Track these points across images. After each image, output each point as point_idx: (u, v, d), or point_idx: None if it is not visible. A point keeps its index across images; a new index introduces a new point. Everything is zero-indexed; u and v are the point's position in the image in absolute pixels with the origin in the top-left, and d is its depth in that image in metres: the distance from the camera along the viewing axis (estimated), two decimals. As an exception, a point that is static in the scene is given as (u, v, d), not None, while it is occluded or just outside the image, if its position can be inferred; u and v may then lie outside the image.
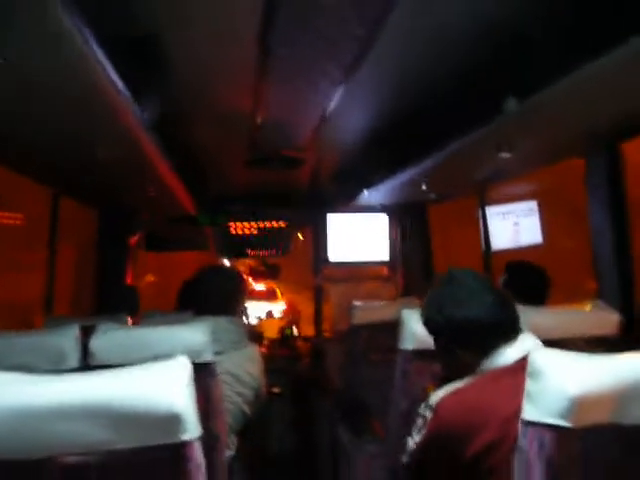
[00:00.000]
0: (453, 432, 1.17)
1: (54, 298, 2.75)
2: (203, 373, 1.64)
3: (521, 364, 1.12)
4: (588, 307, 1.90)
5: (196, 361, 1.63)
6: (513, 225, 3.72)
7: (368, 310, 2.58)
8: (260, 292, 15.71)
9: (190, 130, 2.57)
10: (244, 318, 5.31)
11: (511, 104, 1.50)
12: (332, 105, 2.22)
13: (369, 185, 3.07)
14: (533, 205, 3.76)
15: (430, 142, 2.16)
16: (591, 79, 1.31)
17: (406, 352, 1.84)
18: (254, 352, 1.97)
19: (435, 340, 1.39)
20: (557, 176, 3.41)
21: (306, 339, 4.15)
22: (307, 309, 4.71)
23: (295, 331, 4.50)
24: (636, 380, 0.98)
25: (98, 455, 0.85)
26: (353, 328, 2.61)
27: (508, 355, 1.23)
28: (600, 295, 2.04)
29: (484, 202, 3.14)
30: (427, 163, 2.24)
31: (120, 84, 1.34)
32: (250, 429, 2.87)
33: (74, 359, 1.54)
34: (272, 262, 4.83)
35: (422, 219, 3.77)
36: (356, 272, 3.92)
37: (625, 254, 2.00)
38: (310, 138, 2.73)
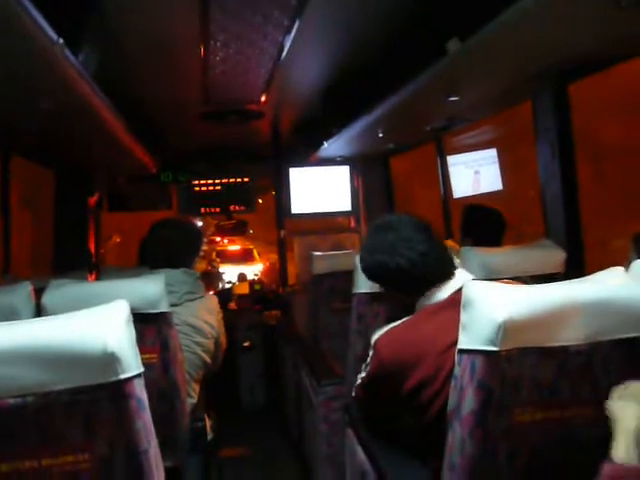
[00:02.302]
0: (392, 368, 1.22)
1: (11, 259, 2.71)
2: (159, 323, 1.67)
3: (456, 299, 1.17)
4: (535, 245, 1.97)
5: (152, 312, 1.66)
6: (474, 174, 3.77)
7: (328, 259, 2.62)
8: (235, 253, 15.57)
9: (141, 84, 2.50)
10: (219, 284, 5.34)
11: (454, 45, 1.50)
12: (283, 55, 2.18)
13: (329, 136, 3.06)
14: (493, 153, 3.81)
15: (383, 89, 2.15)
16: (529, 16, 1.31)
17: (361, 295, 1.89)
18: (211, 302, 1.99)
19: (375, 281, 1.43)
20: (513, 123, 3.44)
21: (277, 294, 4.20)
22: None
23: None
24: (557, 306, 1.03)
25: (36, 397, 0.87)
26: (314, 278, 2.65)
27: (443, 292, 1.27)
28: (548, 235, 2.10)
29: (442, 150, 3.17)
30: (381, 110, 2.23)
31: (52, 33, 1.30)
32: (220, 381, 2.93)
33: (27, 316, 1.54)
34: (238, 218, 4.81)
35: (384, 170, 3.79)
36: (320, 224, 3.94)
37: (572, 194, 2.06)
38: (265, 90, 2.69)
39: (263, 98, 2.80)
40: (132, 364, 0.93)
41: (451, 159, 3.61)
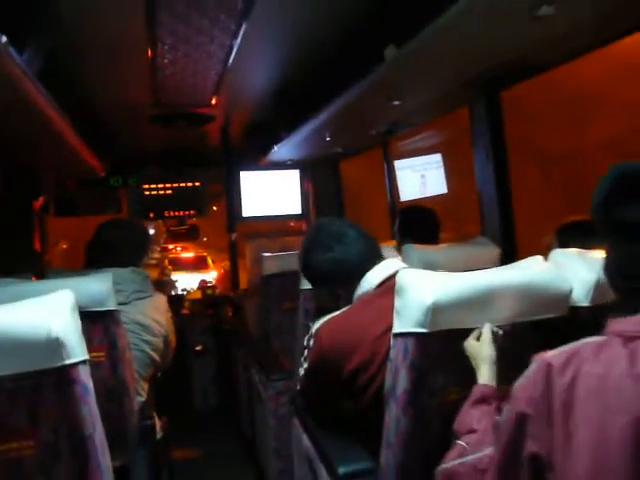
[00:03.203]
0: (331, 354, 1.29)
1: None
2: (107, 321, 1.67)
3: (389, 286, 1.25)
4: (471, 242, 2.09)
5: (99, 310, 1.67)
6: (420, 177, 3.91)
7: (278, 260, 2.66)
8: (189, 260, 15.33)
9: (89, 85, 2.49)
10: (172, 292, 5.25)
11: (391, 52, 1.59)
12: (232, 58, 2.23)
13: (278, 140, 3.12)
14: (438, 158, 3.97)
15: (329, 92, 2.23)
16: (455, 26, 1.40)
17: (306, 292, 1.96)
18: (160, 301, 2.01)
19: (312, 284, 1.52)
20: (456, 129, 3.60)
21: (229, 298, 4.21)
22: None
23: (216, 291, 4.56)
24: (481, 291, 1.13)
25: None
26: (264, 278, 2.69)
27: (376, 276, 1.36)
28: (484, 233, 2.23)
29: (388, 154, 3.28)
30: (327, 113, 2.31)
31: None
32: (173, 385, 2.91)
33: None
34: (190, 223, 4.79)
35: (334, 174, 3.87)
36: (271, 227, 3.99)
37: (505, 195, 2.19)
38: (214, 94, 2.72)
39: (213, 101, 2.83)
40: (77, 350, 0.95)
41: (398, 163, 3.74)
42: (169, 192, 4.28)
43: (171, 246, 16.29)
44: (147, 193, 4.22)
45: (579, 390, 0.70)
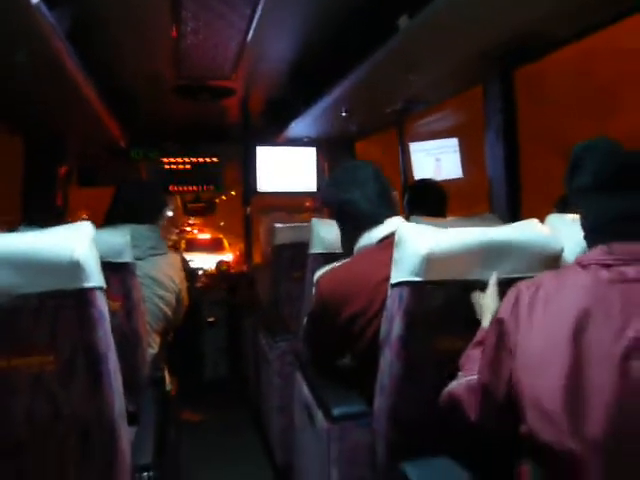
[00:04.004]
0: (330, 301, 1.37)
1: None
2: (123, 272, 1.76)
3: (389, 241, 1.32)
4: (478, 216, 2.13)
5: (117, 261, 1.75)
6: (435, 161, 3.94)
7: (290, 231, 2.74)
8: (205, 242, 15.51)
9: (113, 53, 2.57)
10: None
11: (404, 22, 1.64)
12: (251, 32, 2.30)
13: (295, 116, 3.18)
14: (455, 142, 3.99)
15: (345, 67, 2.28)
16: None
17: (315, 255, 2.03)
18: (174, 259, 2.10)
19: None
20: (473, 113, 3.63)
21: (242, 273, 4.31)
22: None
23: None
24: (475, 245, 1.19)
25: (9, 298, 0.97)
26: (276, 248, 2.77)
27: (378, 233, 1.42)
28: (492, 211, 2.27)
29: (402, 135, 3.32)
30: (343, 87, 2.37)
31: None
32: (184, 354, 3.00)
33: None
34: (207, 197, 4.89)
35: (349, 154, 3.92)
36: (286, 203, 4.06)
37: (513, 174, 2.23)
38: (235, 65, 2.79)
39: (234, 74, 2.90)
40: (95, 277, 1.04)
41: (413, 146, 3.77)
42: (188, 167, 4.38)
43: (188, 228, 16.46)
44: (167, 167, 4.32)
45: (540, 294, 0.91)
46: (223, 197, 9.27)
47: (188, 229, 16.74)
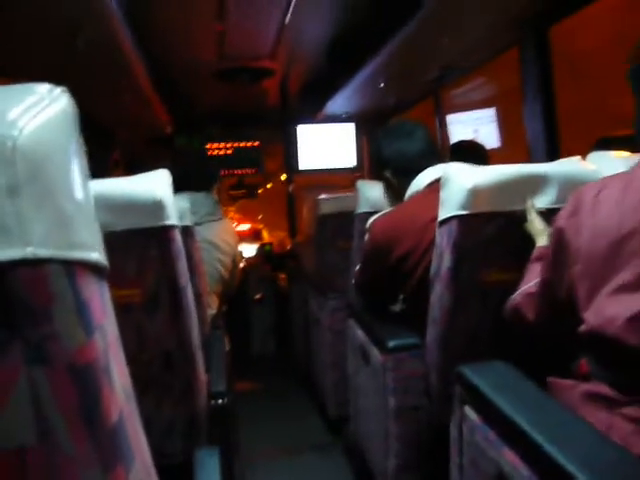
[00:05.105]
0: (382, 242, 1.47)
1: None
2: (184, 235, 1.90)
3: (436, 187, 1.41)
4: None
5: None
6: (473, 132, 3.97)
7: (333, 201, 2.83)
8: (245, 233, 15.81)
9: (158, 39, 2.71)
10: None
11: (441, -18, 1.71)
12: (290, 12, 2.40)
13: (334, 92, 3.27)
14: (492, 113, 4.01)
15: (380, 39, 2.36)
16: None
17: (362, 215, 2.13)
18: (229, 225, 2.24)
19: (378, 170, 1.68)
20: (512, 80, 3.64)
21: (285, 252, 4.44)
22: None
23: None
24: (517, 177, 1.26)
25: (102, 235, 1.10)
26: (320, 219, 2.87)
27: (426, 178, 1.52)
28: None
29: (439, 106, 3.36)
30: (381, 58, 2.44)
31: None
32: (233, 331, 3.14)
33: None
34: (249, 181, 5.03)
35: (387, 128, 3.99)
36: (328, 181, 4.17)
37: (551, 131, 2.26)
38: (274, 47, 2.90)
39: (273, 55, 3.01)
40: (174, 216, 1.17)
41: (450, 118, 3.81)
42: (229, 152, 4.53)
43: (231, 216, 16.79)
44: (210, 153, 4.48)
45: (603, 195, 0.89)
46: (263, 188, 9.44)
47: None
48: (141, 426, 0.45)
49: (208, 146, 4.45)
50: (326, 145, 3.93)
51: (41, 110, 0.35)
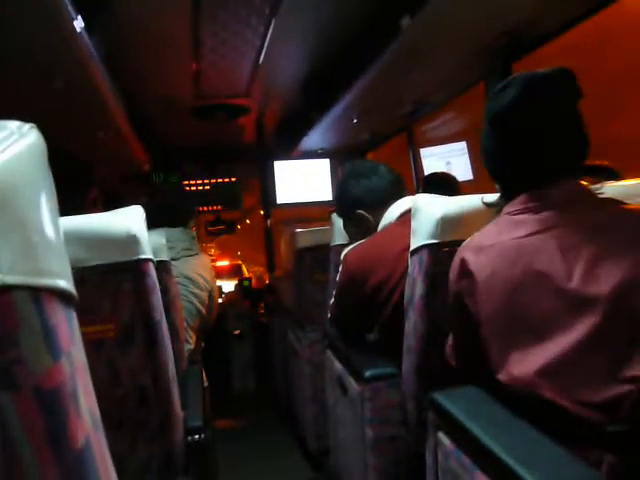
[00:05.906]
0: (356, 273, 1.50)
1: None
2: (160, 270, 1.89)
3: (407, 218, 1.44)
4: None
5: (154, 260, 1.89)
6: (445, 165, 4.07)
7: (310, 234, 2.86)
8: (224, 268, 15.74)
9: (134, 78, 2.76)
10: None
11: (406, 21, 1.79)
12: (265, 49, 2.48)
13: (309, 129, 3.35)
14: (463, 145, 4.12)
15: (352, 75, 2.44)
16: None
17: (337, 247, 2.16)
18: (206, 260, 2.24)
19: (346, 215, 1.71)
20: (480, 114, 3.76)
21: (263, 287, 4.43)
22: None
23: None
24: (483, 206, 1.30)
25: (75, 270, 1.11)
26: (297, 253, 2.89)
27: (397, 209, 1.56)
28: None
29: (412, 139, 3.45)
30: (353, 94, 2.52)
31: (72, 10, 1.56)
32: (213, 366, 3.11)
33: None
34: (227, 217, 5.05)
35: (362, 163, 4.07)
36: (305, 214, 4.21)
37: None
38: (249, 85, 2.98)
39: (249, 92, 3.08)
40: (148, 249, 1.17)
41: (423, 152, 3.91)
42: (207, 188, 4.56)
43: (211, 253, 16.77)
44: (187, 189, 4.50)
45: (485, 254, 0.97)
46: (242, 223, 9.47)
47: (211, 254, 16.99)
48: (109, 457, 0.45)
49: (186, 182, 4.48)
50: (302, 180, 3.99)
51: (10, 145, 0.36)
